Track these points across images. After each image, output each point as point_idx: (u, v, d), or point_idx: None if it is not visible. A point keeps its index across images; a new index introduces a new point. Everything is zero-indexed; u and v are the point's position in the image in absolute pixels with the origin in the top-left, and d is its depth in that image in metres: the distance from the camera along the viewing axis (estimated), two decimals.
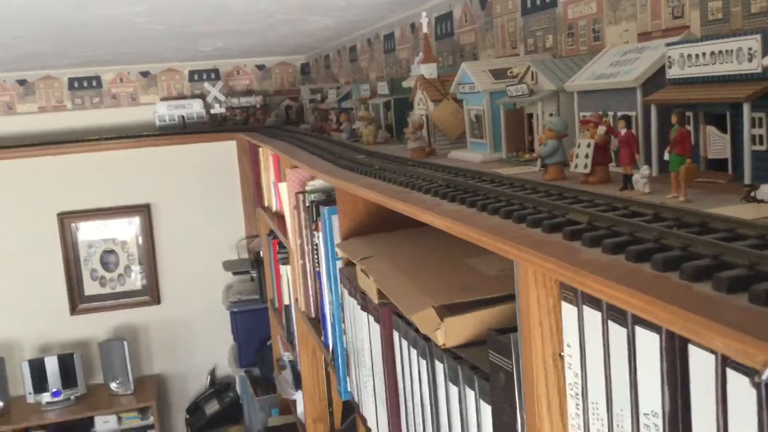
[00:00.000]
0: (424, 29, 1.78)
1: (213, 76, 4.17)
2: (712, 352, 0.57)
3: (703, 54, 0.93)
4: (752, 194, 0.81)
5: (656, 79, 1.06)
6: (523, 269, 0.78)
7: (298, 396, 2.76)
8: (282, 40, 3.33)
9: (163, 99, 4.07)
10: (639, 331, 0.66)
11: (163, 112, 3.91)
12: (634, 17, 1.35)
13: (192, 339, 4.21)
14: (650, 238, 0.63)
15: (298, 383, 2.71)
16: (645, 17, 1.32)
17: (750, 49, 0.86)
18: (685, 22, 1.22)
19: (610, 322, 0.70)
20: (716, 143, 0.94)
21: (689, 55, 0.96)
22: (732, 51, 0.89)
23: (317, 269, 1.97)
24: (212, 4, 2.13)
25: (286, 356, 3.03)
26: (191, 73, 4.16)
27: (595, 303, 0.71)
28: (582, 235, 0.69)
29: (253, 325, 3.78)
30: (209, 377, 4.24)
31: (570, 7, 1.56)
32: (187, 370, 4.22)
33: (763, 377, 0.40)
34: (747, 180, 0.87)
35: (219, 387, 4.18)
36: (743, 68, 0.87)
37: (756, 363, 0.42)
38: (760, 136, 0.86)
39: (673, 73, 0.99)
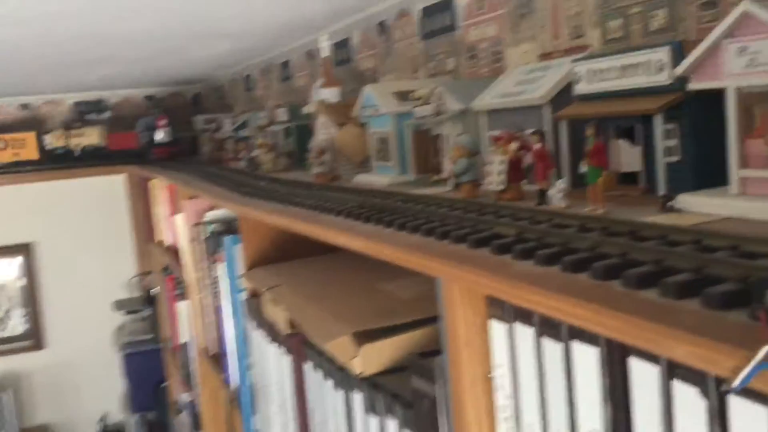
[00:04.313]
0: (324, 53, 1.75)
1: (101, 107, 3.99)
2: (656, 363, 0.55)
3: (612, 68, 0.94)
4: (669, 204, 0.81)
5: (563, 96, 1.07)
6: (448, 287, 0.74)
7: None
8: (172, 70, 3.23)
9: (45, 132, 3.85)
10: (575, 345, 0.63)
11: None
12: (535, 38, 1.37)
13: (80, 385, 3.96)
14: (584, 248, 0.61)
15: (197, 426, 2.59)
16: (545, 38, 1.34)
17: (659, 60, 0.86)
18: (585, 42, 1.24)
19: (543, 338, 0.67)
20: (627, 156, 0.94)
21: (597, 70, 0.96)
22: (641, 64, 0.89)
23: (218, 303, 1.88)
24: (92, 32, 2.02)
25: (184, 398, 2.89)
26: (76, 104, 3.97)
27: (526, 319, 0.68)
28: (512, 247, 0.66)
29: (147, 366, 3.61)
30: (100, 425, 4.00)
31: (470, 30, 1.57)
32: (76, 418, 3.96)
33: (734, 384, 0.38)
34: (662, 192, 0.87)
35: None
36: (653, 80, 0.87)
37: (722, 369, 0.39)
38: (673, 148, 0.87)
39: (581, 88, 0.99)
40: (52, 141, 3.43)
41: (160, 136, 3.15)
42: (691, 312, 0.45)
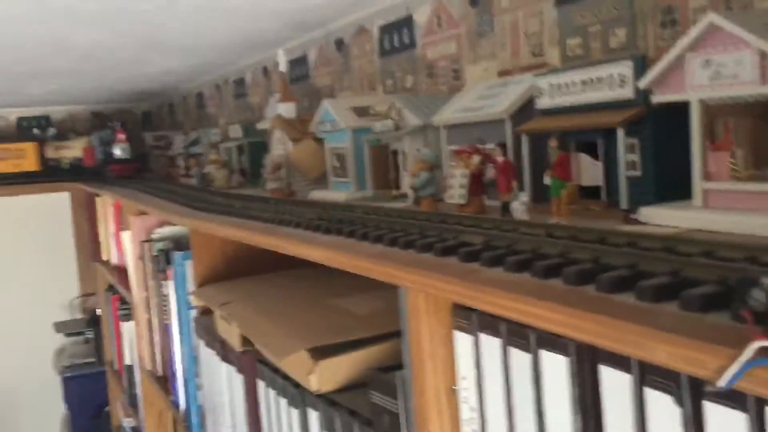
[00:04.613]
0: (281, 67, 1.73)
1: (44, 123, 3.88)
2: (628, 371, 0.54)
3: (574, 83, 0.94)
4: (632, 216, 0.81)
5: (524, 111, 1.06)
6: (413, 298, 0.72)
7: None
8: (123, 86, 3.16)
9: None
10: (544, 354, 0.61)
11: None
12: (494, 56, 1.37)
13: (18, 410, 3.80)
14: (555, 254, 0.60)
15: None
16: (505, 55, 1.34)
17: (621, 74, 0.86)
18: (545, 60, 1.25)
19: (510, 348, 0.65)
20: (589, 171, 0.94)
21: (559, 85, 0.96)
22: (603, 78, 0.89)
23: (166, 322, 1.82)
24: (41, 41, 1.97)
25: (127, 423, 2.80)
26: (20, 120, 3.86)
27: (493, 329, 0.67)
28: (480, 255, 0.64)
29: (89, 390, 3.48)
30: None
31: (429, 47, 1.56)
32: None
33: (720, 383, 0.36)
34: (623, 206, 0.87)
35: None
36: (615, 94, 0.88)
37: (707, 370, 0.38)
38: (634, 162, 0.87)
39: (543, 103, 0.99)
40: (49, 152, 3.33)
41: (118, 151, 2.96)
42: (671, 314, 0.44)
